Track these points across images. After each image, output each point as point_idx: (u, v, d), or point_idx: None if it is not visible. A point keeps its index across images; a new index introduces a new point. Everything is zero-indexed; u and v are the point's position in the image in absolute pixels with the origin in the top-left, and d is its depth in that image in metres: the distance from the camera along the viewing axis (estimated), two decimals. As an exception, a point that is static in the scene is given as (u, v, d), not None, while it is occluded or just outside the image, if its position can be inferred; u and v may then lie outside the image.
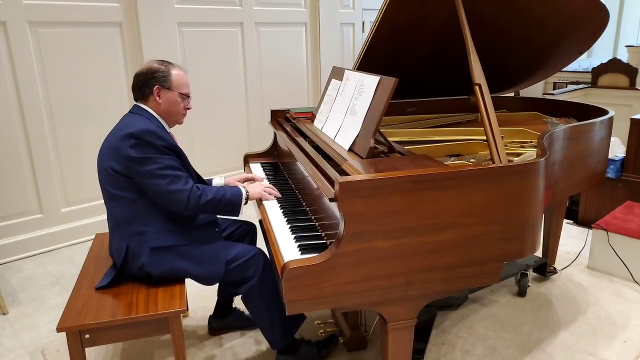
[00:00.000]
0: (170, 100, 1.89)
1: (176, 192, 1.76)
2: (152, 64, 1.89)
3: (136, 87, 1.90)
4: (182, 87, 1.91)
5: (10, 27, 2.96)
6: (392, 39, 2.28)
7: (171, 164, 1.78)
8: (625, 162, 3.20)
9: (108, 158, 1.80)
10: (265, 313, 1.89)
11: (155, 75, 1.86)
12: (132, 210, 1.82)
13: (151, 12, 3.48)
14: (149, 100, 1.89)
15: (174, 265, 1.83)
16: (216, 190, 1.85)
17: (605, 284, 2.71)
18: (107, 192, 1.86)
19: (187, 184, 1.79)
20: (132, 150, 1.74)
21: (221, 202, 1.85)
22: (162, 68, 1.87)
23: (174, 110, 1.92)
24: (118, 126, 1.86)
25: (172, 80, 1.88)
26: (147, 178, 1.75)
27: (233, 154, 4.08)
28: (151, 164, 1.74)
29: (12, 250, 3.15)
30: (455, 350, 2.18)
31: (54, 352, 2.24)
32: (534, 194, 1.59)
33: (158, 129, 1.81)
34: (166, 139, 1.80)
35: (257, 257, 1.88)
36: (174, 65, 1.92)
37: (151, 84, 1.86)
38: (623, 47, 8.21)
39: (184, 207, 1.78)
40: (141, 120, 1.82)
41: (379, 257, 1.42)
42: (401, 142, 1.99)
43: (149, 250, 1.81)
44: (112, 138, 1.82)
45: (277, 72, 4.42)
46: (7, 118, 3.03)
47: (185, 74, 1.94)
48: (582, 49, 2.65)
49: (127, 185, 1.80)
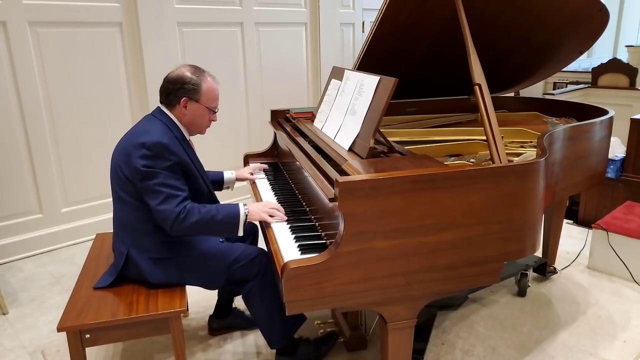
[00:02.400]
0: (197, 113, 1.85)
1: (164, 211, 1.70)
2: (185, 72, 1.83)
3: (164, 92, 1.85)
4: (211, 101, 1.87)
5: (10, 27, 2.96)
6: (392, 38, 2.28)
7: (171, 183, 1.72)
8: (625, 162, 3.20)
9: (120, 159, 1.79)
10: (266, 312, 1.90)
11: (185, 86, 1.81)
12: (136, 216, 1.81)
13: (151, 12, 3.47)
14: (175, 109, 1.85)
15: (173, 276, 1.83)
16: (206, 211, 1.73)
17: (605, 284, 2.71)
18: (115, 192, 1.85)
19: (179, 205, 1.70)
20: (141, 161, 1.71)
21: (211, 223, 1.73)
22: (194, 79, 1.81)
23: (199, 122, 1.89)
24: (136, 128, 1.83)
25: (202, 93, 1.83)
26: (144, 191, 1.74)
27: (233, 154, 4.07)
28: (152, 178, 1.71)
29: (12, 250, 3.15)
30: (455, 350, 2.18)
31: (54, 352, 2.24)
32: (534, 194, 1.59)
33: (173, 141, 1.76)
34: (178, 154, 1.75)
35: (260, 257, 1.88)
36: (206, 75, 1.86)
37: (179, 95, 1.82)
38: (623, 47, 8.21)
39: (169, 228, 1.72)
40: (159, 130, 1.77)
41: (379, 257, 1.42)
42: (401, 142, 1.99)
43: (149, 260, 1.80)
44: (128, 141, 1.79)
45: (277, 72, 4.42)
46: (7, 118, 3.03)
47: (217, 86, 1.89)
48: (582, 49, 2.65)
49: (132, 190, 1.78)
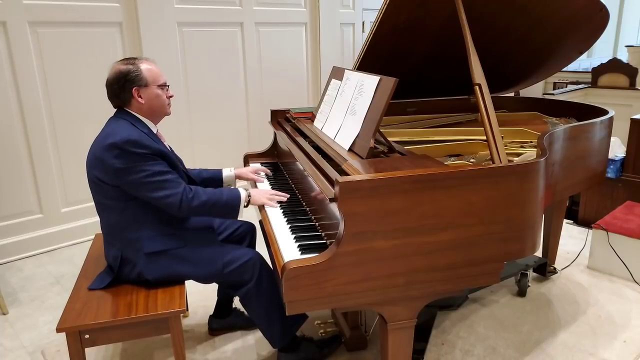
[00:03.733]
0: (152, 96, 1.84)
1: (167, 196, 1.73)
2: (119, 67, 1.81)
3: (113, 96, 1.84)
4: (157, 79, 1.85)
5: (10, 27, 2.96)
6: (392, 39, 2.28)
7: (158, 170, 1.74)
8: (625, 162, 3.20)
9: (94, 168, 1.78)
10: (264, 315, 1.89)
11: (127, 77, 1.79)
12: (123, 218, 1.81)
13: (151, 12, 3.47)
14: (132, 104, 1.84)
15: (170, 269, 1.82)
16: (211, 192, 1.81)
17: (605, 284, 2.71)
18: (97, 202, 1.85)
19: (178, 186, 1.76)
20: (117, 161, 1.70)
21: (216, 205, 1.81)
22: (131, 68, 1.80)
23: (158, 104, 1.87)
24: (102, 133, 1.81)
25: (146, 76, 1.82)
26: (137, 187, 1.73)
27: (233, 154, 4.07)
28: (138, 172, 1.71)
29: (12, 250, 3.15)
30: (455, 350, 2.18)
31: (54, 352, 2.24)
32: (534, 194, 1.59)
33: (142, 135, 1.76)
34: (150, 146, 1.75)
35: (254, 260, 1.86)
36: (139, 59, 1.85)
37: (128, 88, 1.80)
38: (623, 47, 8.22)
39: (177, 210, 1.76)
40: (124, 128, 1.76)
41: (379, 257, 1.42)
42: (401, 142, 1.99)
43: (144, 256, 1.80)
44: (97, 147, 1.78)
45: (277, 72, 4.42)
46: (7, 118, 3.03)
47: (155, 64, 1.88)
48: (582, 49, 2.65)
49: (114, 194, 1.78)
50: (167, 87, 1.91)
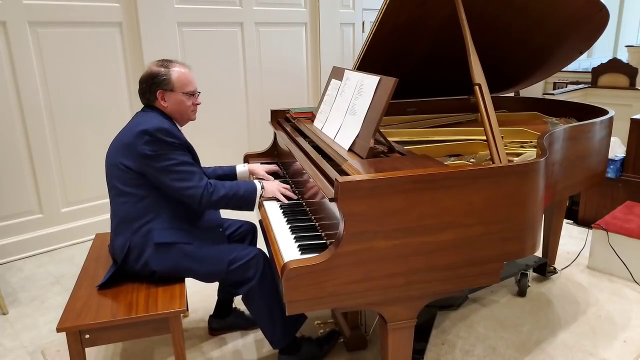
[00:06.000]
0: (176, 101, 1.89)
1: (190, 188, 1.79)
2: (152, 67, 1.88)
3: (141, 94, 1.91)
4: (185, 86, 1.89)
5: (10, 27, 2.96)
6: (392, 39, 2.28)
7: (185, 160, 1.81)
8: (625, 162, 3.20)
9: (119, 154, 1.81)
10: (266, 313, 1.90)
11: (155, 80, 1.85)
12: (139, 207, 1.82)
13: (151, 12, 3.47)
14: (156, 104, 1.89)
15: (176, 263, 1.83)
16: (229, 186, 1.87)
17: (605, 284, 2.71)
18: (115, 189, 1.85)
19: (202, 180, 1.82)
20: (147, 147, 1.75)
21: (234, 198, 1.87)
22: (162, 70, 1.86)
23: (182, 109, 1.92)
24: (131, 123, 1.87)
25: (174, 81, 1.86)
26: (162, 174, 1.77)
27: (233, 154, 4.07)
28: (166, 160, 1.76)
29: (12, 250, 3.15)
30: (455, 350, 2.18)
31: (54, 352, 2.24)
32: (534, 194, 1.59)
33: (172, 126, 1.84)
34: (179, 137, 1.82)
35: (258, 258, 1.88)
36: (174, 63, 1.90)
37: (153, 90, 1.86)
38: (623, 47, 8.22)
39: (198, 203, 1.80)
40: (155, 118, 1.83)
41: (379, 257, 1.42)
42: (401, 142, 1.99)
43: (153, 245, 1.81)
44: (125, 135, 1.82)
45: (277, 72, 4.42)
46: (7, 118, 3.03)
47: (188, 71, 1.92)
48: (582, 49, 2.65)
49: (137, 182, 1.80)
50: (198, 94, 1.96)
